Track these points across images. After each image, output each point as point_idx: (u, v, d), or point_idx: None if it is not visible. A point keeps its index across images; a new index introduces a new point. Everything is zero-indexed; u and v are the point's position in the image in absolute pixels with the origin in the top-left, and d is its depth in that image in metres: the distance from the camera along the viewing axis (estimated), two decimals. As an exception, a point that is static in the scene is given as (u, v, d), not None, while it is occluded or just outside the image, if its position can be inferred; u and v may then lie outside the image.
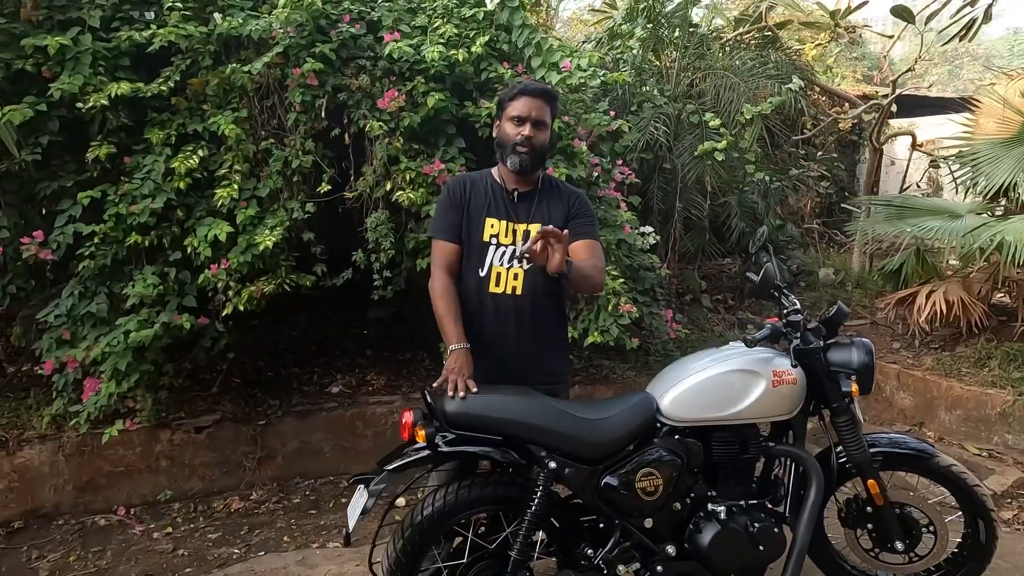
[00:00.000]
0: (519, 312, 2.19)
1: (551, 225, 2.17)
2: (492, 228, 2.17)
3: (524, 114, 2.12)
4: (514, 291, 2.17)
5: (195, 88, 3.16)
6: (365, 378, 4.28)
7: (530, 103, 2.13)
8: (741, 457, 2.22)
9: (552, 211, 2.22)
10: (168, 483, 3.52)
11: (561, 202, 2.25)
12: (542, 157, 2.21)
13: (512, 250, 2.17)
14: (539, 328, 2.23)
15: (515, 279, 2.17)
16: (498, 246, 2.17)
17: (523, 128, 2.11)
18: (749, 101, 4.33)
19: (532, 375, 2.21)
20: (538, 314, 2.22)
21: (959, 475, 2.36)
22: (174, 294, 3.15)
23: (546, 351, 2.28)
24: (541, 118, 2.14)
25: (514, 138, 2.12)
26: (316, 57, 3.02)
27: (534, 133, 2.12)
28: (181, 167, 2.97)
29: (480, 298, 2.19)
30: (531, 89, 2.15)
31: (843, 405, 2.29)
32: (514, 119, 2.13)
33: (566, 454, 2.04)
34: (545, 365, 2.28)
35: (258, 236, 2.97)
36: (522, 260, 2.16)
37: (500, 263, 2.17)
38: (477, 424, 2.01)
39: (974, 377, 4.41)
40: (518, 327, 2.19)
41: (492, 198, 2.21)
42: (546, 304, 2.24)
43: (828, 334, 2.36)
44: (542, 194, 2.26)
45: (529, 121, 2.12)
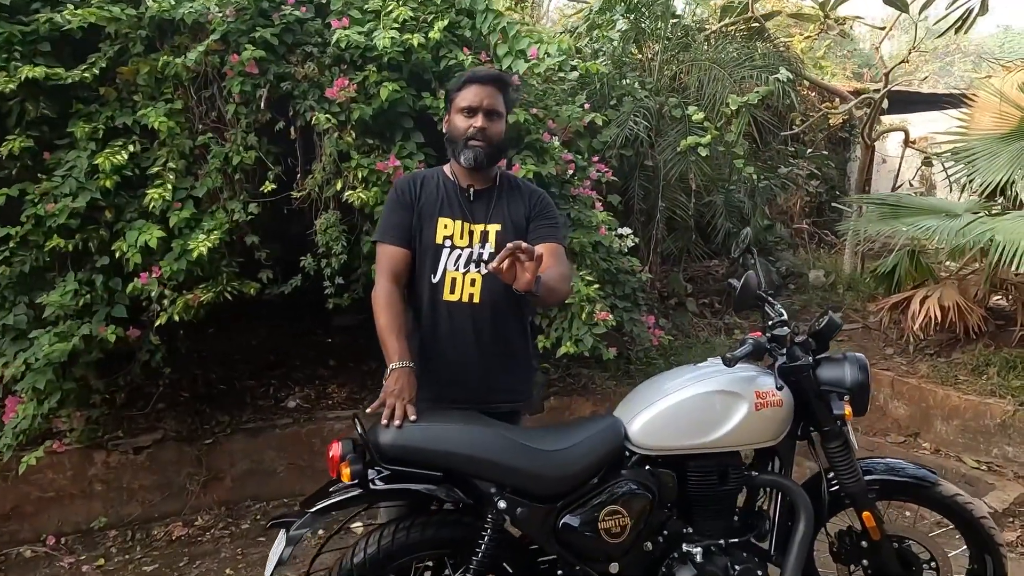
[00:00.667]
0: (477, 322, 1.96)
1: (512, 225, 1.97)
2: (446, 229, 1.95)
3: (475, 104, 1.91)
4: (471, 299, 1.95)
5: (125, 77, 2.88)
6: (326, 390, 4.01)
7: (480, 91, 1.92)
8: (721, 489, 1.97)
9: (513, 210, 2.01)
10: (103, 509, 3.23)
11: (522, 201, 2.04)
12: (498, 150, 1.99)
13: (468, 253, 1.94)
14: (499, 340, 2.00)
15: (472, 285, 1.95)
16: (452, 249, 1.95)
17: (475, 119, 1.91)
18: (735, 93, 4.08)
19: (492, 393, 2.00)
20: (498, 324, 1.99)
21: (964, 506, 2.12)
22: (102, 303, 2.87)
23: (507, 365, 2.03)
24: (493, 107, 1.93)
25: (466, 131, 1.91)
26: (257, 43, 2.75)
27: (487, 124, 1.91)
28: (106, 163, 2.68)
29: (433, 307, 1.96)
30: (480, 76, 1.95)
31: (835, 429, 2.03)
32: (464, 110, 1.93)
33: (518, 491, 1.78)
34: (506, 381, 2.04)
35: (192, 241, 2.69)
36: (480, 265, 1.94)
37: (455, 268, 1.95)
38: (415, 457, 1.74)
39: (972, 385, 4.19)
40: (476, 339, 1.96)
41: (445, 196, 1.99)
42: (507, 313, 2.00)
43: (818, 348, 2.11)
44: (501, 192, 2.03)
45: (480, 111, 1.91)
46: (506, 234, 1.95)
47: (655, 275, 4.76)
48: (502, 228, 1.97)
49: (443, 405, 1.94)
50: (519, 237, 1.92)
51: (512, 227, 1.98)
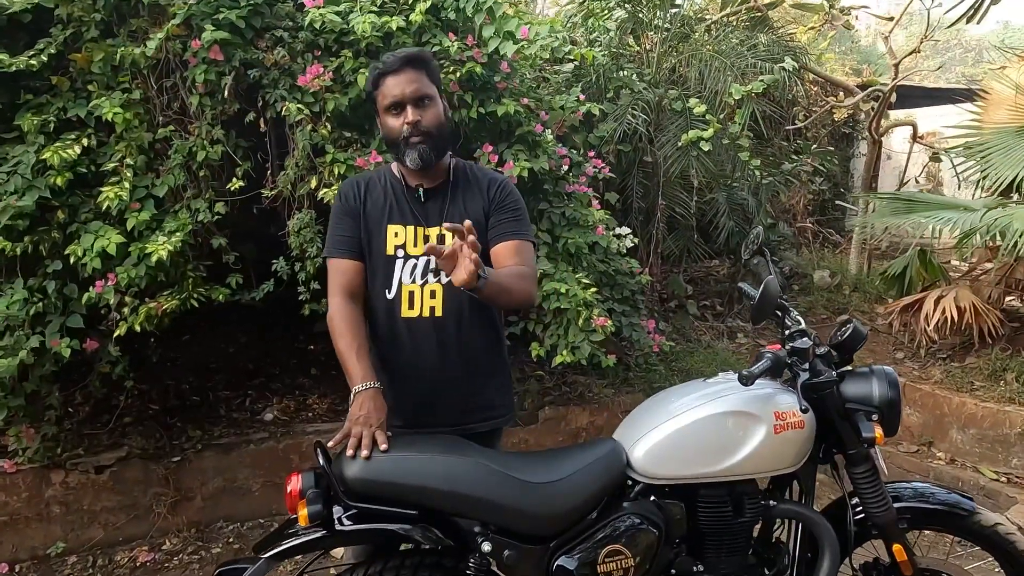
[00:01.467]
0: (441, 338, 1.75)
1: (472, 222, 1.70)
2: (396, 237, 1.74)
3: (398, 97, 1.68)
4: (432, 312, 1.73)
5: (79, 65, 2.63)
6: (306, 402, 3.77)
7: (398, 81, 1.68)
8: (735, 521, 1.74)
9: (470, 206, 1.78)
10: (62, 533, 2.99)
11: (479, 193, 1.80)
12: (444, 138, 1.75)
13: (425, 262, 1.72)
14: (468, 354, 1.78)
15: (432, 298, 1.73)
16: (406, 259, 1.74)
17: (404, 115, 1.68)
18: (738, 83, 3.86)
19: (467, 414, 1.80)
20: (465, 337, 1.77)
21: (1006, 537, 1.89)
22: (56, 312, 2.63)
23: (481, 382, 1.82)
24: (420, 92, 1.69)
25: (400, 130, 1.69)
26: (221, 25, 2.51)
27: (420, 115, 1.68)
28: (54, 158, 2.44)
29: (391, 325, 1.75)
30: (390, 64, 1.69)
31: (861, 452, 1.81)
32: (390, 109, 1.70)
33: (506, 530, 1.55)
34: (481, 400, 1.82)
35: (151, 244, 2.45)
36: (439, 274, 1.71)
37: (411, 279, 1.73)
38: (386, 493, 1.51)
39: (989, 392, 3.98)
40: (442, 356, 1.75)
41: (393, 200, 1.77)
42: (475, 324, 1.79)
43: (841, 361, 1.89)
44: (456, 187, 1.80)
45: (407, 103, 1.68)
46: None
47: (655, 277, 4.54)
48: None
49: (418, 431, 1.73)
50: (482, 236, 1.71)
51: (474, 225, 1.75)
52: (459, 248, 1.43)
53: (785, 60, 3.95)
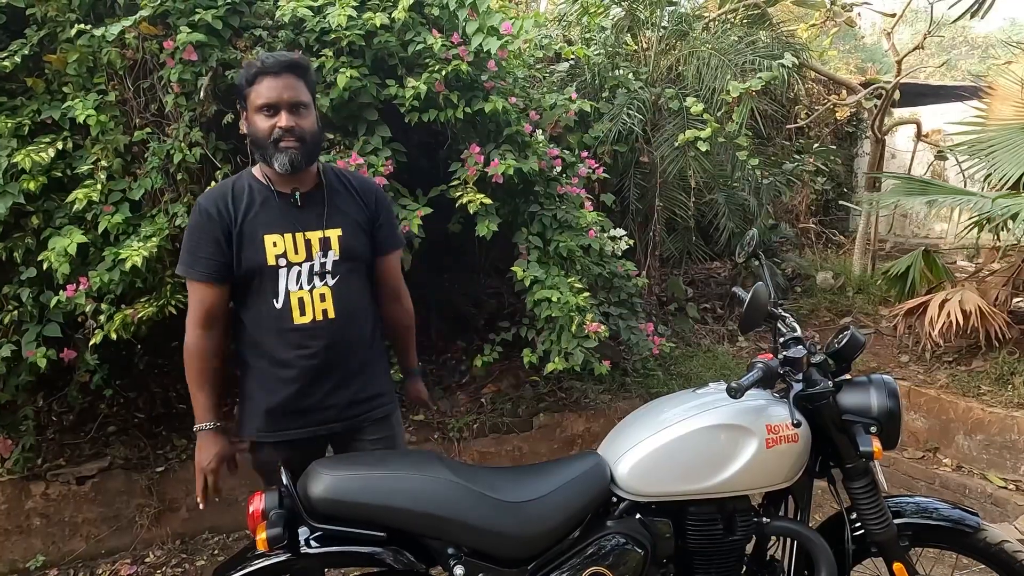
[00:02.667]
0: (337, 340, 1.74)
1: (353, 227, 1.77)
2: (276, 247, 1.69)
3: (273, 100, 1.65)
4: (325, 315, 1.72)
5: (55, 66, 2.57)
6: (295, 409, 3.69)
7: (276, 84, 1.66)
8: (726, 540, 1.67)
9: (350, 210, 1.79)
10: (43, 546, 2.92)
11: (360, 202, 1.82)
12: (316, 145, 1.74)
13: (309, 267, 1.70)
14: (359, 350, 1.81)
15: (323, 301, 1.72)
16: (289, 267, 1.70)
17: (278, 118, 1.66)
18: (736, 81, 3.77)
19: (358, 404, 1.81)
20: (356, 334, 1.80)
21: (1013, 555, 1.80)
22: (32, 320, 2.56)
23: (369, 372, 1.84)
24: (296, 99, 1.68)
25: (271, 132, 1.66)
26: (196, 26, 2.43)
27: (295, 121, 1.66)
28: (26, 161, 2.37)
29: (283, 337, 1.71)
30: (271, 66, 1.66)
31: (860, 466, 1.73)
32: (263, 109, 1.66)
33: (479, 552, 1.47)
34: (371, 388, 1.84)
35: (124, 250, 2.38)
36: (324, 277, 1.72)
37: (297, 286, 1.70)
38: (353, 514, 1.44)
39: (996, 396, 3.87)
40: (338, 358, 1.75)
41: (266, 208, 1.71)
42: (363, 320, 1.83)
43: (838, 370, 1.80)
44: (331, 190, 1.78)
45: (283, 107, 1.66)
46: (349, 238, 1.75)
47: (653, 279, 4.45)
48: (343, 232, 1.75)
49: (312, 431, 1.76)
50: (364, 239, 1.79)
51: (353, 228, 1.77)
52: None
53: (785, 56, 3.85)
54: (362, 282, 1.81)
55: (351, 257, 1.75)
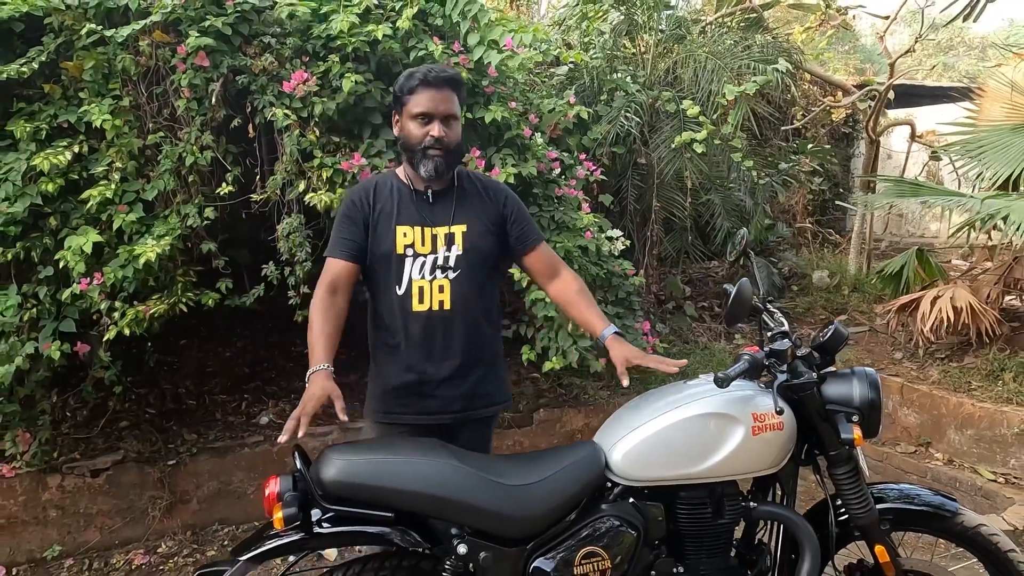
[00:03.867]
0: (450, 330, 1.87)
1: (479, 226, 1.86)
2: (405, 237, 1.85)
3: (429, 110, 1.79)
4: (441, 306, 1.85)
5: (71, 73, 2.66)
6: (301, 405, 3.78)
7: (434, 96, 1.79)
8: (715, 523, 1.75)
9: (480, 210, 1.92)
10: (59, 536, 3.02)
11: (489, 201, 1.95)
12: (459, 155, 1.92)
13: (433, 260, 1.83)
14: (474, 346, 1.91)
15: (441, 292, 1.85)
16: (415, 257, 1.85)
17: (431, 127, 1.79)
18: (732, 84, 3.86)
19: (473, 400, 1.93)
20: (472, 330, 1.90)
21: (989, 538, 1.88)
22: (49, 317, 2.66)
23: (482, 370, 1.94)
24: (450, 112, 1.83)
25: (423, 140, 1.80)
26: (207, 32, 2.53)
27: (445, 132, 1.80)
28: (44, 164, 2.47)
29: (403, 320, 1.86)
30: (433, 79, 1.80)
31: (843, 453, 1.81)
32: (418, 117, 1.81)
33: (482, 532, 1.56)
34: (485, 387, 1.95)
35: (139, 247, 2.47)
36: (446, 271, 1.84)
37: (420, 276, 1.85)
38: (363, 496, 1.52)
39: (986, 392, 3.95)
40: (450, 347, 1.88)
41: (400, 203, 1.88)
42: (478, 317, 1.92)
43: (823, 362, 1.89)
44: (462, 191, 1.91)
45: (437, 118, 1.79)
46: (475, 236, 1.88)
47: (651, 278, 4.54)
48: (468, 229, 1.88)
49: (423, 420, 1.86)
50: (491, 239, 1.90)
51: (481, 228, 1.90)
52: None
53: (779, 61, 3.94)
54: (481, 279, 1.90)
55: (473, 253, 1.86)
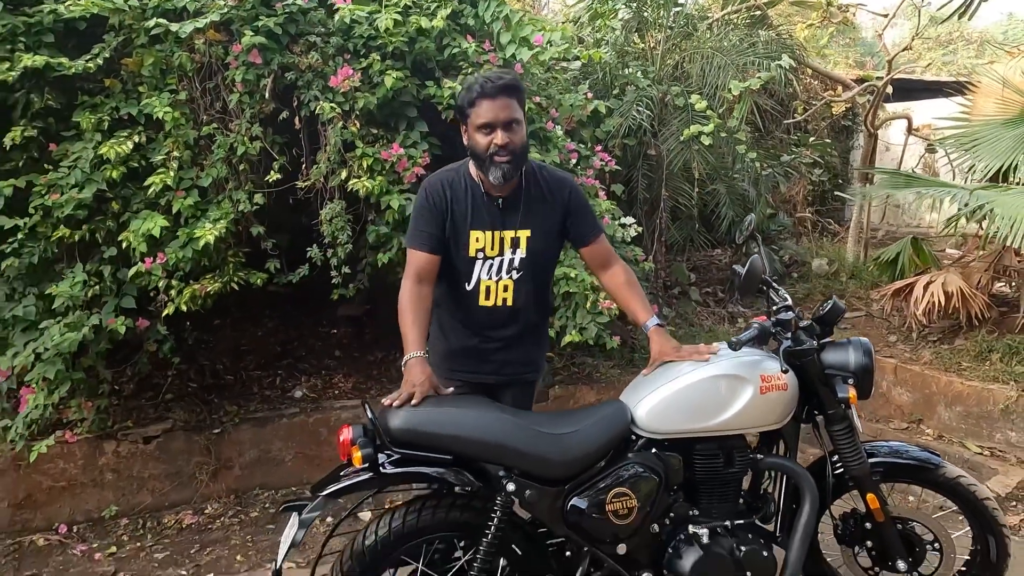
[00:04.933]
0: (511, 320, 2.10)
1: (543, 231, 2.04)
2: (478, 242, 2.01)
3: (491, 120, 1.88)
4: (505, 303, 2.06)
5: (130, 68, 2.88)
6: (332, 381, 4.03)
7: (494, 105, 1.88)
8: (726, 472, 1.99)
9: (544, 213, 2.05)
10: (114, 498, 3.26)
11: (552, 200, 2.07)
12: (525, 155, 2.00)
13: (500, 262, 2.02)
14: (528, 328, 2.16)
15: (505, 291, 2.05)
16: (485, 260, 2.02)
17: (495, 136, 1.88)
18: (737, 80, 4.08)
19: (522, 366, 2.19)
20: (528, 317, 2.13)
21: (967, 488, 2.14)
22: (111, 294, 2.89)
23: (534, 345, 2.22)
24: (511, 117, 1.90)
25: (488, 148, 1.89)
26: (259, 31, 2.75)
27: (509, 138, 1.89)
28: (111, 153, 2.70)
29: (468, 311, 2.08)
30: (490, 90, 1.88)
31: (839, 412, 2.06)
32: (482, 128, 1.89)
33: (526, 474, 1.80)
34: (532, 356, 2.22)
35: (198, 230, 2.70)
36: (511, 272, 2.03)
37: (488, 276, 2.04)
38: (424, 441, 1.76)
39: (975, 371, 4.20)
40: (509, 331, 2.11)
41: (474, 206, 2.01)
42: (535, 307, 2.15)
43: (822, 333, 2.13)
44: (529, 194, 2.05)
45: (499, 126, 1.88)
46: (536, 240, 2.04)
47: (659, 264, 4.77)
48: (532, 235, 2.03)
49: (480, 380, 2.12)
50: (551, 240, 2.09)
51: (543, 233, 2.06)
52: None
53: (782, 57, 4.15)
54: (541, 277, 2.12)
55: (535, 256, 2.04)
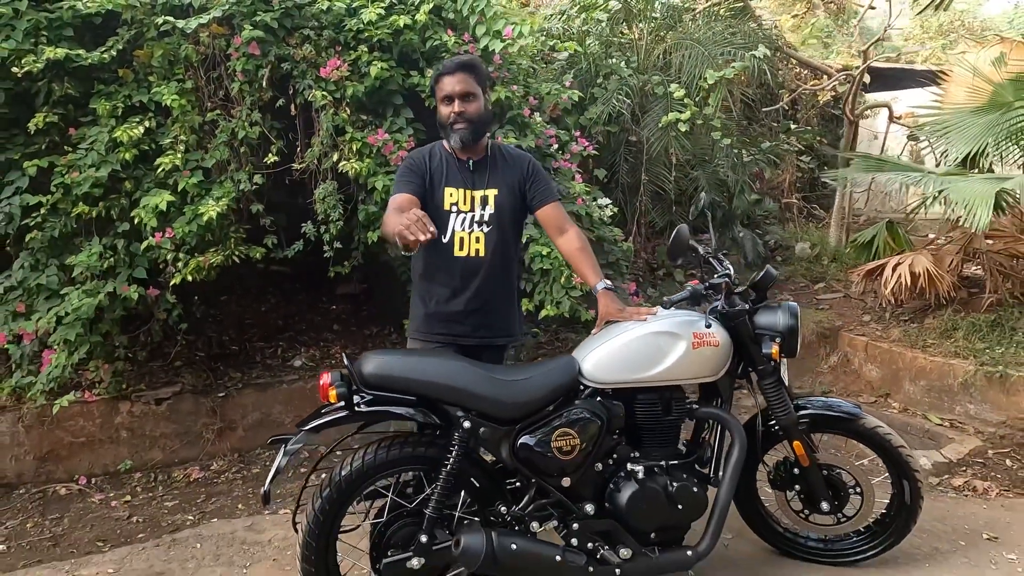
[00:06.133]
0: (483, 273, 2.30)
1: (507, 190, 2.31)
2: (451, 197, 2.29)
3: (449, 92, 2.24)
4: (477, 253, 2.29)
5: (141, 59, 3.16)
6: (329, 351, 4.32)
7: (452, 80, 2.24)
8: (664, 419, 2.24)
9: (508, 177, 2.35)
10: (129, 453, 3.57)
11: (514, 167, 2.38)
12: (482, 124, 2.32)
13: (471, 216, 2.27)
14: (500, 287, 2.36)
15: (477, 242, 2.29)
16: (458, 213, 2.28)
17: (453, 106, 2.23)
18: (715, 70, 4.29)
19: (490, 329, 2.36)
20: (499, 274, 2.35)
21: (884, 437, 2.38)
22: (124, 266, 3.18)
23: (503, 307, 2.40)
24: (467, 90, 2.25)
25: (448, 117, 2.25)
26: (257, 25, 3.02)
27: (464, 107, 2.24)
28: (124, 137, 2.98)
29: (446, 262, 2.30)
30: (449, 67, 2.26)
31: (768, 367, 2.30)
32: (444, 99, 2.26)
33: (482, 414, 2.06)
34: (502, 320, 2.40)
35: (202, 207, 2.99)
36: (482, 225, 2.27)
37: (462, 228, 2.28)
38: (393, 385, 2.03)
39: (939, 348, 4.40)
40: (481, 287, 2.30)
41: (447, 168, 2.32)
42: (504, 264, 2.37)
43: (757, 298, 2.37)
44: (494, 161, 2.37)
45: (456, 97, 2.23)
46: (503, 197, 2.32)
47: (641, 246, 5.01)
48: (499, 193, 2.32)
49: (454, 340, 2.31)
50: (515, 200, 2.35)
51: (507, 191, 2.33)
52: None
53: (759, 48, 4.35)
54: (509, 234, 2.34)
55: (502, 212, 2.29)
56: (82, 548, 2.90)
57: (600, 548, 2.13)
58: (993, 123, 4.48)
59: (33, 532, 3.05)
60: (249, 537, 2.88)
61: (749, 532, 2.58)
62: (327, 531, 2.05)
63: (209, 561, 2.69)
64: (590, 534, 2.14)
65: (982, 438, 3.89)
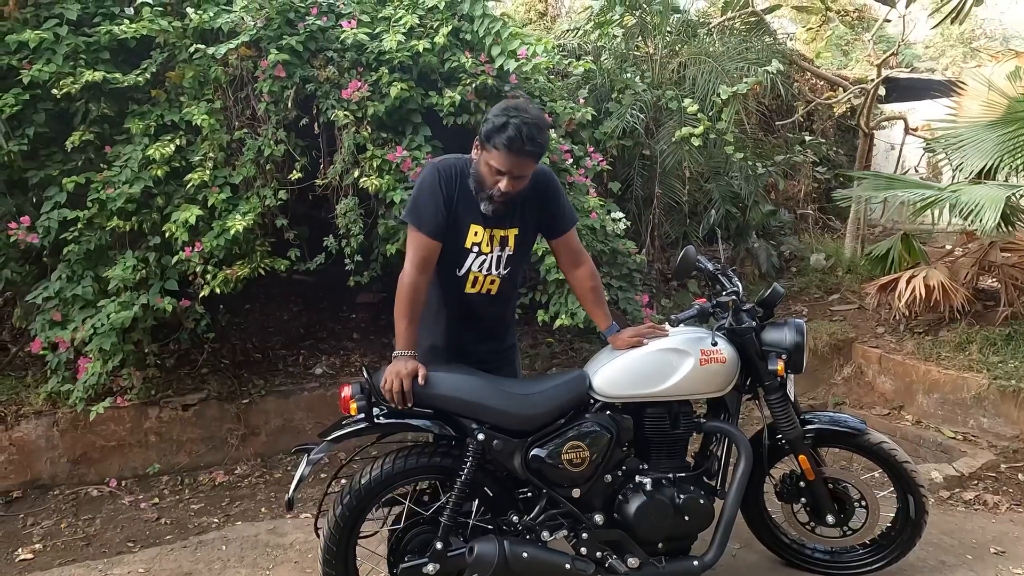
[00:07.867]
0: (490, 308, 2.32)
1: (527, 227, 2.24)
2: (475, 236, 2.17)
3: (505, 169, 2.02)
4: (488, 292, 2.27)
5: (173, 81, 3.31)
6: (349, 359, 4.44)
7: (515, 161, 2.01)
8: (672, 432, 2.30)
9: (529, 210, 2.23)
10: (157, 457, 3.72)
11: (534, 198, 2.22)
12: (519, 198, 2.16)
13: (491, 259, 2.20)
14: (504, 314, 2.41)
15: (492, 284, 2.26)
16: (479, 254, 2.20)
17: (501, 181, 2.04)
18: (728, 84, 4.35)
19: (497, 344, 2.42)
20: (505, 305, 2.38)
21: (889, 452, 2.43)
22: (156, 278, 3.32)
23: (507, 328, 2.45)
24: (522, 174, 2.07)
25: (492, 187, 2.06)
26: (283, 49, 3.15)
27: (513, 187, 2.05)
28: (156, 154, 3.13)
29: (457, 294, 2.27)
30: (518, 149, 1.98)
31: (774, 383, 2.36)
32: (495, 168, 2.03)
33: (495, 427, 2.15)
34: (506, 339, 2.46)
35: (230, 222, 3.12)
36: (499, 267, 2.22)
37: (479, 269, 2.22)
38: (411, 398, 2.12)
39: (952, 361, 4.40)
40: (487, 320, 2.34)
41: (472, 201, 2.15)
42: (510, 297, 2.40)
43: (764, 315, 2.44)
44: (518, 197, 2.19)
45: (510, 176, 2.04)
46: (523, 235, 2.26)
47: (655, 258, 5.07)
48: (519, 232, 2.24)
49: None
50: (533, 235, 2.32)
51: (528, 229, 2.27)
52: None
53: (772, 62, 4.41)
54: (521, 264, 2.31)
55: (520, 251, 2.24)
56: (113, 548, 3.03)
57: (609, 557, 2.21)
58: (1008, 137, 4.48)
59: (67, 532, 3.20)
60: (272, 540, 3.00)
61: (756, 543, 2.64)
62: (347, 536, 2.15)
63: (234, 563, 2.81)
64: (599, 543, 2.21)
65: (995, 452, 3.89)
